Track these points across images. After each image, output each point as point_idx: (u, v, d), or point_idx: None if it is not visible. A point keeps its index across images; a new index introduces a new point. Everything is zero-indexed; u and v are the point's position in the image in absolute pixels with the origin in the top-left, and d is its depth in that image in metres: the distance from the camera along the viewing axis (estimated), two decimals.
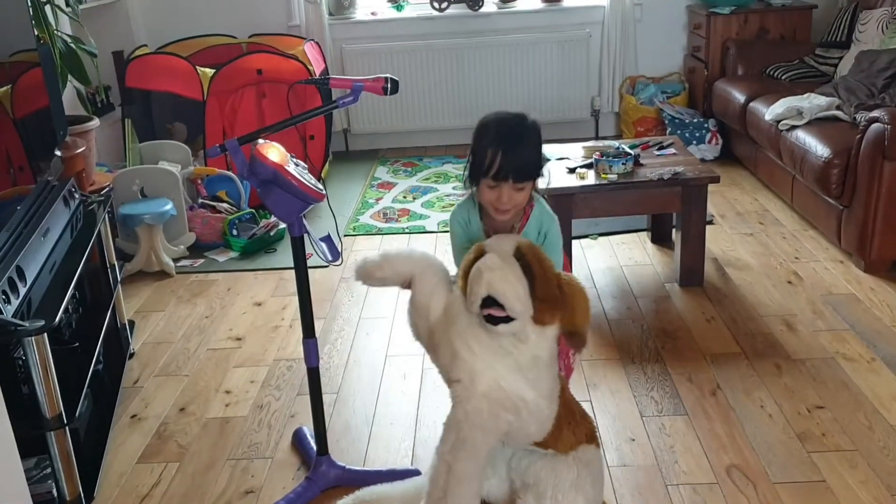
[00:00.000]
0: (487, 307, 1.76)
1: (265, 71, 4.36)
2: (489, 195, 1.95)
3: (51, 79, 2.93)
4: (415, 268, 1.93)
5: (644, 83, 5.42)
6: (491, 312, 1.76)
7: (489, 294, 1.75)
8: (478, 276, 1.77)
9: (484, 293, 1.75)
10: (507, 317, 1.76)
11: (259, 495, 2.26)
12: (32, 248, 2.26)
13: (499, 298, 1.74)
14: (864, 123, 3.33)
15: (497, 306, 1.75)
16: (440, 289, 1.92)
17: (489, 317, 1.77)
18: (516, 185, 1.92)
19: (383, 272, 1.93)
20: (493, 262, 1.78)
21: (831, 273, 3.44)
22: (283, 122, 2.02)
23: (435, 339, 1.90)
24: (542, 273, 1.79)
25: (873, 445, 2.34)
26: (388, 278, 1.95)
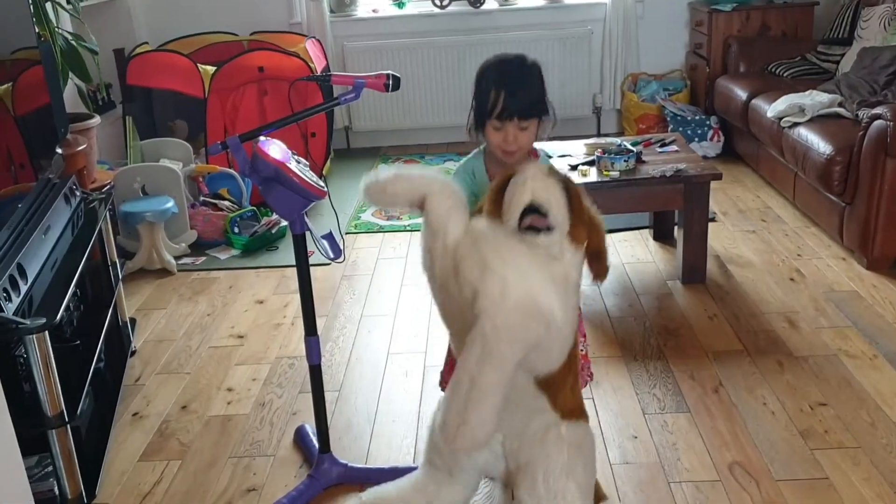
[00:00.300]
0: (528, 216, 1.72)
1: (266, 68, 4.35)
2: (495, 137, 2.00)
3: (52, 76, 2.92)
4: (429, 187, 1.83)
5: (646, 80, 5.41)
6: (533, 222, 1.73)
7: (532, 202, 1.72)
8: (521, 185, 1.73)
9: (527, 200, 1.72)
10: (548, 227, 1.73)
11: (261, 493, 2.26)
12: (33, 245, 2.25)
13: (542, 206, 1.72)
14: (867, 120, 3.32)
15: (539, 216, 1.72)
16: (458, 208, 1.83)
17: (530, 227, 1.73)
18: (521, 123, 1.96)
19: (395, 188, 1.83)
20: (535, 170, 1.77)
21: (833, 270, 3.43)
22: (285, 119, 2.02)
23: (458, 257, 1.78)
24: (575, 193, 1.78)
25: (876, 442, 2.33)
26: (400, 195, 1.84)
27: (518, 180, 1.76)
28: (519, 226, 1.74)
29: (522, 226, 1.73)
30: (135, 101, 4.55)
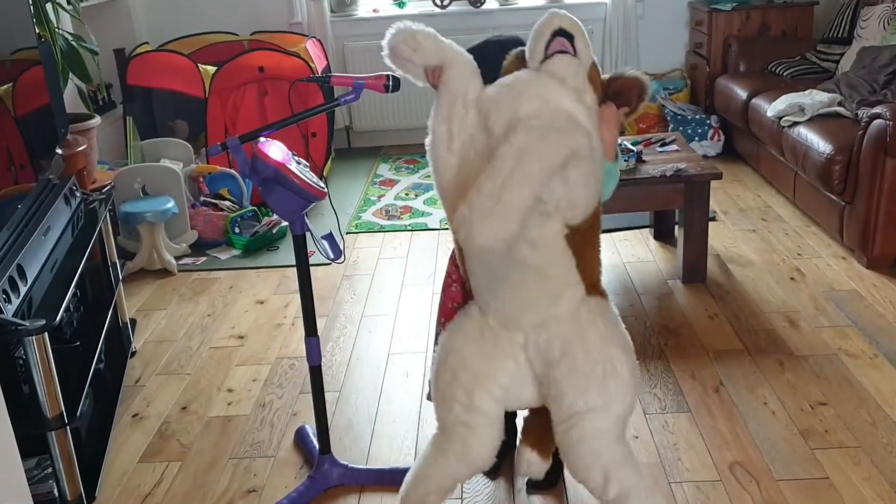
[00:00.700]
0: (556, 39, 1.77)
1: (267, 68, 4.35)
2: None
3: (52, 77, 2.92)
4: (453, 54, 1.89)
5: None
6: (560, 45, 1.77)
7: (560, 27, 1.77)
8: (549, 18, 1.80)
9: (556, 26, 1.77)
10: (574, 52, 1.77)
11: (261, 494, 2.26)
12: (33, 246, 2.25)
13: (573, 31, 1.77)
14: (866, 120, 3.32)
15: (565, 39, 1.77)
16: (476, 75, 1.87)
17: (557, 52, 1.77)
18: None
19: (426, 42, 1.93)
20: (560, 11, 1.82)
21: (834, 269, 3.43)
22: (285, 120, 2.02)
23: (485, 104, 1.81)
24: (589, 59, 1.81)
25: (876, 442, 2.33)
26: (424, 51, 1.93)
27: (541, 20, 1.82)
28: (546, 50, 1.78)
29: (550, 50, 1.78)
30: (135, 101, 4.55)
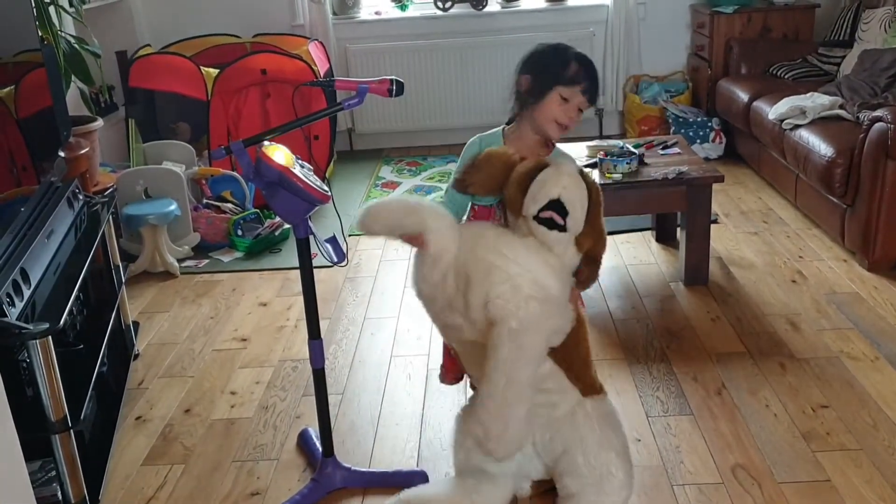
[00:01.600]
0: (550, 210, 1.79)
1: (269, 71, 4.36)
2: (556, 108, 2.06)
3: (54, 79, 2.93)
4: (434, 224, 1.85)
5: (648, 82, 5.42)
6: (553, 215, 1.79)
7: (560, 198, 1.78)
8: (556, 177, 1.80)
9: (556, 195, 1.78)
10: (563, 227, 1.80)
11: (265, 497, 2.27)
12: (36, 249, 2.26)
13: (568, 205, 1.79)
14: (867, 123, 3.32)
15: (559, 213, 1.79)
16: (454, 238, 1.87)
17: (548, 220, 1.79)
18: (584, 105, 2.06)
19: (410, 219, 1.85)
20: (573, 170, 1.83)
21: (835, 272, 3.44)
22: (288, 124, 2.02)
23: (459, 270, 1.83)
24: (597, 201, 1.85)
25: (878, 444, 2.33)
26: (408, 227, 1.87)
27: (554, 172, 1.82)
28: (537, 214, 1.79)
29: (541, 216, 1.79)
30: (137, 103, 4.56)
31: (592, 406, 1.99)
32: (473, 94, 5.43)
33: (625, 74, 5.44)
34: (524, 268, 1.78)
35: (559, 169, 1.84)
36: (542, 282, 1.79)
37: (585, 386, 1.98)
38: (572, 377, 1.95)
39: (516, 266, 1.78)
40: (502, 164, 1.92)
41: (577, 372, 1.96)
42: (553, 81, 2.05)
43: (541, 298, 1.78)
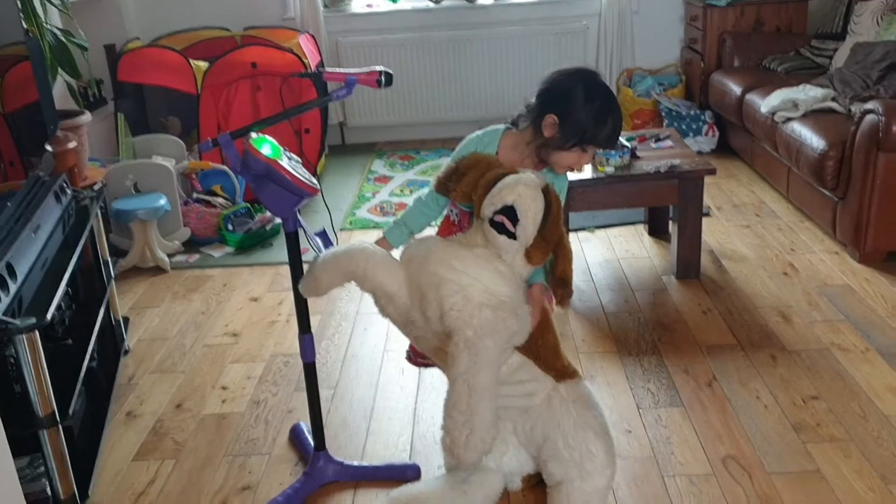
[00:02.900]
0: (502, 215, 1.85)
1: (260, 64, 4.34)
2: (574, 158, 2.05)
3: (40, 72, 2.91)
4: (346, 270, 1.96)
5: (641, 75, 5.41)
6: (503, 221, 1.85)
7: (514, 204, 1.84)
8: (513, 185, 1.85)
9: (510, 201, 1.84)
10: (513, 234, 1.85)
11: (256, 491, 2.26)
12: (23, 244, 2.24)
13: (519, 213, 1.84)
14: (859, 115, 3.32)
15: (511, 220, 1.84)
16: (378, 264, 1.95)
17: (499, 224, 1.85)
18: None
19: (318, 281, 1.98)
20: (531, 182, 1.87)
21: (826, 264, 3.44)
22: (276, 115, 2.01)
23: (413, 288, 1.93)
24: (556, 217, 1.89)
25: (867, 435, 2.34)
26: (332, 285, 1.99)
27: (514, 180, 1.87)
28: (492, 216, 1.86)
29: (494, 220, 1.86)
30: (126, 97, 4.53)
31: (567, 390, 2.02)
32: (466, 87, 5.42)
33: (618, 68, 5.43)
34: (474, 277, 1.86)
35: (522, 179, 1.88)
36: (492, 289, 1.86)
37: (557, 372, 2.02)
38: (542, 366, 2.00)
39: (466, 277, 1.86)
40: (485, 164, 1.97)
41: (546, 361, 2.01)
42: (583, 141, 2.01)
43: (493, 305, 1.84)
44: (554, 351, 2.03)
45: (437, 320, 1.87)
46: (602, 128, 2.00)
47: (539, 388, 2.01)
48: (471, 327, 1.80)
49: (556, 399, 2.00)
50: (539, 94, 2.07)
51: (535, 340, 1.97)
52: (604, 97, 2.01)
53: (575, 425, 1.97)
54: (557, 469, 1.99)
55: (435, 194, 2.10)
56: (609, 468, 1.99)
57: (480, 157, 2.00)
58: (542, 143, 2.05)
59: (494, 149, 2.12)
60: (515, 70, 5.39)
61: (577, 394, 2.02)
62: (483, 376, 1.79)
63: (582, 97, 2.00)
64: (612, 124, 2.01)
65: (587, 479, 1.96)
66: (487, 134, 2.17)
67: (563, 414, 1.99)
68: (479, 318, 1.81)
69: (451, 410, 1.81)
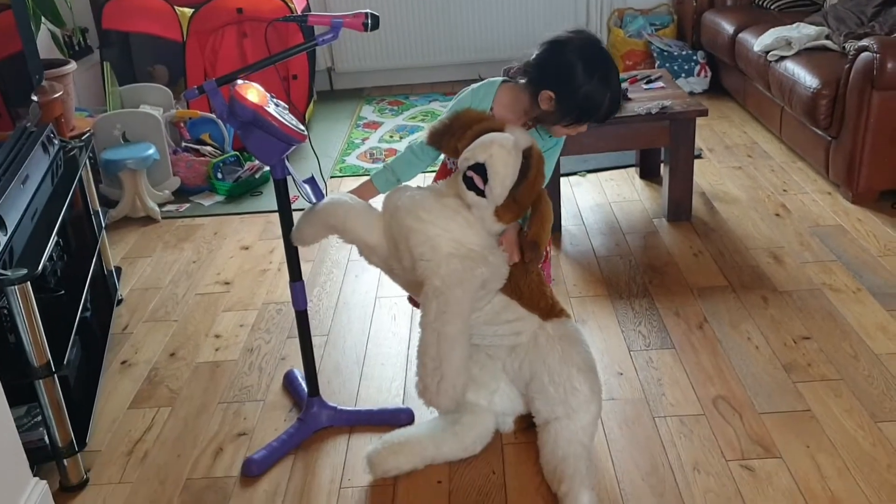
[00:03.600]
0: (473, 171, 1.86)
1: (245, 9, 4.26)
2: (568, 131, 2.05)
3: (23, 21, 2.85)
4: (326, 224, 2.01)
5: (632, 15, 5.34)
6: (473, 177, 1.86)
7: (484, 163, 1.84)
8: (487, 144, 1.86)
9: (482, 160, 1.85)
10: (481, 191, 1.87)
11: (251, 437, 2.28)
12: (12, 195, 2.22)
13: (489, 173, 1.84)
14: (853, 53, 3.29)
15: (481, 177, 1.85)
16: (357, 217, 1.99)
17: (470, 180, 1.87)
18: None
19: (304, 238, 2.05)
20: (507, 143, 1.87)
21: (819, 205, 3.44)
22: (262, 61, 1.98)
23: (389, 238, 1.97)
24: (532, 181, 1.89)
25: (858, 374, 2.36)
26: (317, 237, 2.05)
27: (490, 139, 1.87)
28: (463, 172, 1.88)
29: (466, 174, 1.88)
30: (112, 46, 4.46)
31: (553, 328, 2.04)
32: (456, 29, 5.34)
33: (609, 8, 5.36)
34: (442, 227, 1.88)
35: (495, 137, 1.87)
36: (460, 239, 1.89)
37: (543, 311, 2.04)
38: (525, 305, 2.02)
39: (433, 227, 1.88)
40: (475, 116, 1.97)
41: (529, 300, 2.02)
42: (579, 119, 2.00)
43: (461, 255, 1.87)
44: (538, 290, 2.04)
45: (412, 269, 1.90)
46: (599, 107, 1.97)
47: (525, 326, 2.03)
48: (438, 277, 1.84)
49: (542, 337, 2.02)
50: (537, 65, 2.00)
51: (516, 281, 1.99)
52: (602, 74, 1.95)
53: (560, 361, 2.00)
54: (544, 407, 2.02)
55: (427, 146, 2.08)
56: (593, 404, 2.01)
57: (475, 116, 1.97)
58: (539, 115, 2.03)
59: (489, 103, 2.09)
60: (507, 12, 5.30)
61: (563, 331, 2.04)
62: (452, 325, 1.83)
63: (580, 76, 1.93)
64: (610, 103, 1.97)
65: (573, 416, 1.98)
66: (483, 87, 2.13)
67: (549, 351, 2.01)
68: (447, 267, 1.84)
69: (422, 357, 1.86)
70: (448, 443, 2.09)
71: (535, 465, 2.08)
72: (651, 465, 2.07)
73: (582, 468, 1.94)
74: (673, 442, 2.15)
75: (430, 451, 2.08)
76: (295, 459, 2.18)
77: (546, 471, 2.01)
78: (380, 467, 2.06)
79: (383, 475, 2.07)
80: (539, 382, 2.02)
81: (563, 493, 1.91)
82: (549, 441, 2.00)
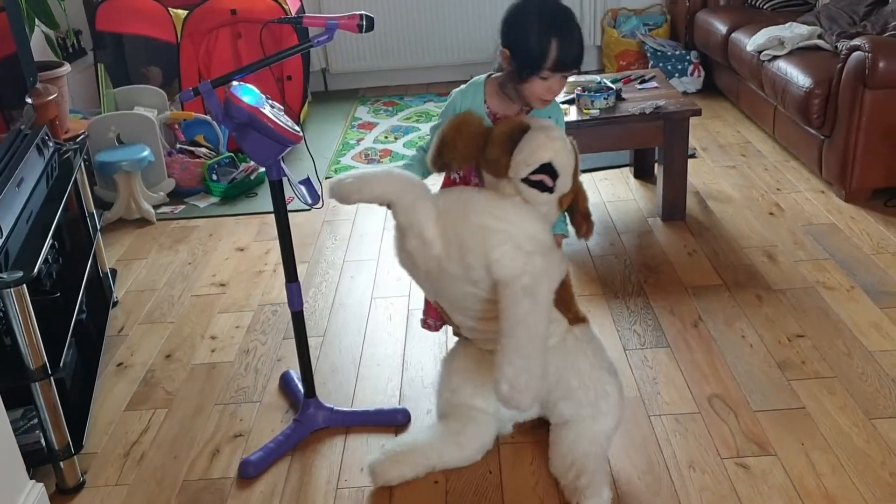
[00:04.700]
0: (541, 173, 1.82)
1: (239, 11, 4.27)
2: (538, 87, 1.93)
3: (17, 23, 2.85)
4: (392, 191, 1.88)
5: (626, 16, 5.35)
6: (543, 179, 1.83)
7: (552, 162, 1.81)
8: (548, 143, 1.82)
9: (547, 159, 1.81)
10: (552, 189, 1.85)
11: (248, 438, 2.29)
12: (7, 198, 2.22)
13: (559, 168, 1.83)
14: (845, 52, 3.30)
15: (550, 175, 1.82)
16: (424, 202, 1.88)
17: (539, 183, 1.83)
18: (568, 73, 1.92)
19: (361, 195, 1.90)
20: (557, 133, 1.85)
21: (812, 203, 3.45)
22: (257, 63, 1.98)
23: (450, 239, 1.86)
24: (578, 161, 1.89)
25: (851, 371, 2.38)
26: (366, 199, 1.92)
27: (545, 137, 1.84)
28: (527, 178, 1.83)
29: (531, 179, 1.83)
30: (106, 48, 4.46)
31: (580, 332, 2.06)
32: (451, 31, 5.35)
33: (602, 8, 5.37)
34: (518, 226, 1.84)
35: (550, 133, 1.85)
36: (537, 236, 1.86)
37: (573, 314, 2.06)
38: (562, 308, 2.01)
39: (511, 226, 1.84)
40: (473, 133, 1.92)
41: (566, 303, 2.03)
42: (534, 69, 1.89)
43: (541, 252, 1.85)
44: (571, 294, 2.07)
45: (483, 269, 1.82)
46: (548, 51, 1.86)
47: (556, 329, 2.01)
48: (527, 274, 1.79)
49: (570, 340, 2.03)
50: (500, 31, 1.99)
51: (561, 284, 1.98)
52: (545, 17, 1.89)
53: (591, 366, 2.02)
54: (569, 409, 2.03)
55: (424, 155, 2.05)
56: (619, 409, 2.04)
57: (464, 121, 1.92)
58: (504, 79, 1.99)
59: (482, 99, 2.06)
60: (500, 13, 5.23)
61: (590, 335, 2.08)
62: (541, 323, 1.80)
63: (525, 22, 1.90)
64: (558, 45, 1.86)
65: (599, 418, 2.01)
66: (470, 86, 2.10)
67: (579, 354, 2.02)
68: (532, 265, 1.80)
69: (510, 356, 1.75)
70: (451, 452, 2.08)
71: (531, 465, 2.09)
72: (647, 464, 2.08)
73: (603, 466, 1.97)
74: (668, 440, 2.16)
75: (433, 459, 2.07)
76: (291, 460, 2.19)
77: (560, 463, 2.00)
78: (382, 477, 2.04)
79: (385, 484, 2.05)
80: (566, 386, 2.02)
81: (583, 485, 1.91)
82: (569, 437, 2.01)
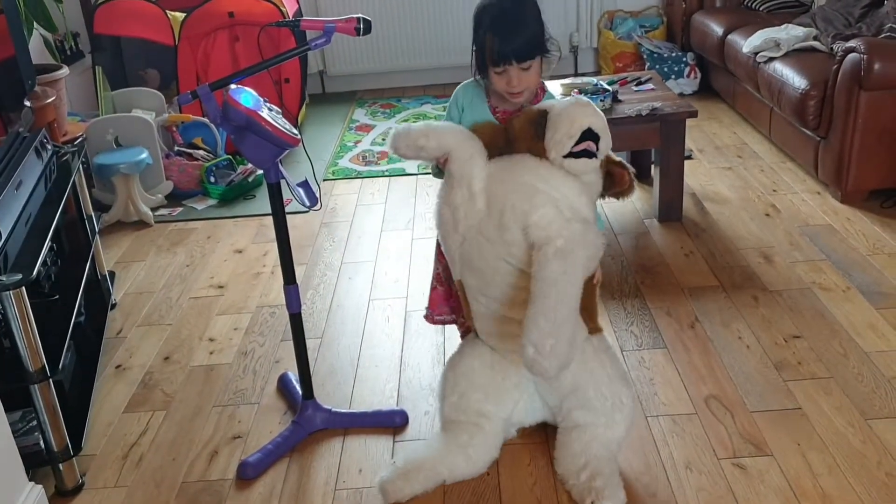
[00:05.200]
0: (586, 140, 1.85)
1: (237, 14, 4.28)
2: (499, 82, 1.98)
3: (15, 26, 2.85)
4: (455, 142, 1.92)
5: (622, 17, 5.37)
6: (588, 146, 1.85)
7: (591, 127, 1.84)
8: (579, 110, 1.86)
9: (587, 126, 1.84)
10: (595, 153, 1.87)
11: (246, 440, 2.29)
12: (6, 200, 2.23)
13: (598, 131, 1.85)
14: (841, 54, 3.31)
15: (593, 141, 1.85)
16: (480, 158, 1.93)
17: (584, 152, 1.85)
18: (521, 65, 1.94)
19: (428, 140, 1.91)
20: (584, 99, 1.88)
21: (808, 204, 3.47)
22: (255, 66, 1.99)
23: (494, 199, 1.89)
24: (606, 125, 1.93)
25: (848, 372, 2.39)
26: (429, 149, 1.92)
27: (574, 106, 1.87)
28: (571, 148, 1.85)
29: (575, 150, 1.85)
30: (104, 50, 4.46)
31: (598, 341, 2.07)
32: (447, 33, 5.36)
33: (599, 10, 5.38)
34: (563, 193, 1.87)
35: (575, 103, 1.88)
36: (580, 209, 1.88)
37: (592, 325, 2.06)
38: (585, 316, 2.01)
39: (555, 191, 1.86)
40: (491, 132, 1.97)
41: (587, 309, 2.01)
42: (485, 67, 1.99)
43: (581, 222, 1.87)
44: (596, 304, 2.08)
45: (519, 230, 1.85)
46: (486, 45, 1.94)
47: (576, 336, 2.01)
48: (562, 237, 1.80)
49: (589, 350, 2.03)
50: None
51: (589, 287, 1.97)
52: (485, 13, 1.96)
53: (609, 377, 2.03)
54: (583, 417, 2.04)
55: None
56: (632, 418, 2.07)
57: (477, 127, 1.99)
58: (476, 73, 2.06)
59: (484, 95, 2.09)
60: None
61: (606, 345, 2.09)
62: (572, 288, 1.78)
63: (474, 21, 1.99)
64: (493, 38, 1.91)
65: (612, 426, 2.02)
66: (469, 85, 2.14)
67: (597, 364, 2.02)
68: (570, 230, 1.82)
69: (537, 319, 1.74)
70: (460, 466, 2.06)
71: (529, 466, 2.10)
72: (644, 465, 2.09)
73: (617, 469, 2.00)
74: (665, 441, 2.17)
75: (443, 474, 2.06)
76: (290, 462, 2.19)
77: (571, 462, 2.01)
78: (393, 496, 2.01)
79: (396, 502, 2.02)
80: (582, 394, 2.03)
81: (600, 487, 1.92)
82: (581, 438, 2.03)
